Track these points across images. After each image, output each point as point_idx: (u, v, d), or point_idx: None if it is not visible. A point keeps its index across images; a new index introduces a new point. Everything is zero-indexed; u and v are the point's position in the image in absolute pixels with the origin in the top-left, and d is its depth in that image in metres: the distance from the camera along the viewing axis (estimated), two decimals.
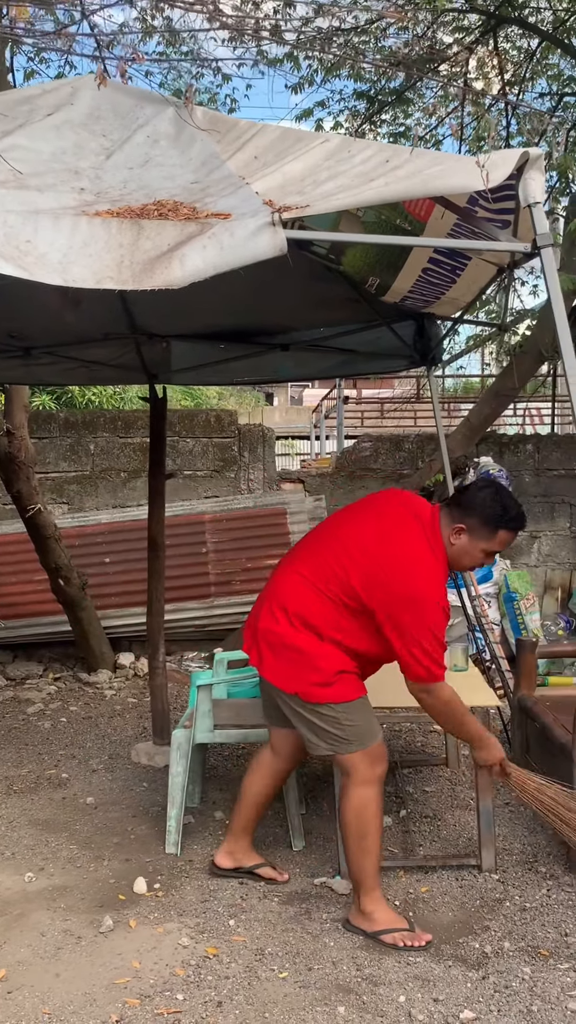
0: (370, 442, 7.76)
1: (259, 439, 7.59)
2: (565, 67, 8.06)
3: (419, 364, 4.98)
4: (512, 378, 6.34)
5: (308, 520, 7.32)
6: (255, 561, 7.15)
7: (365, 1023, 2.62)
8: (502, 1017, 2.63)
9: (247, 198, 2.49)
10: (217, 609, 7.08)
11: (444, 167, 2.32)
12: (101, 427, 7.46)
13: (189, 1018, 2.65)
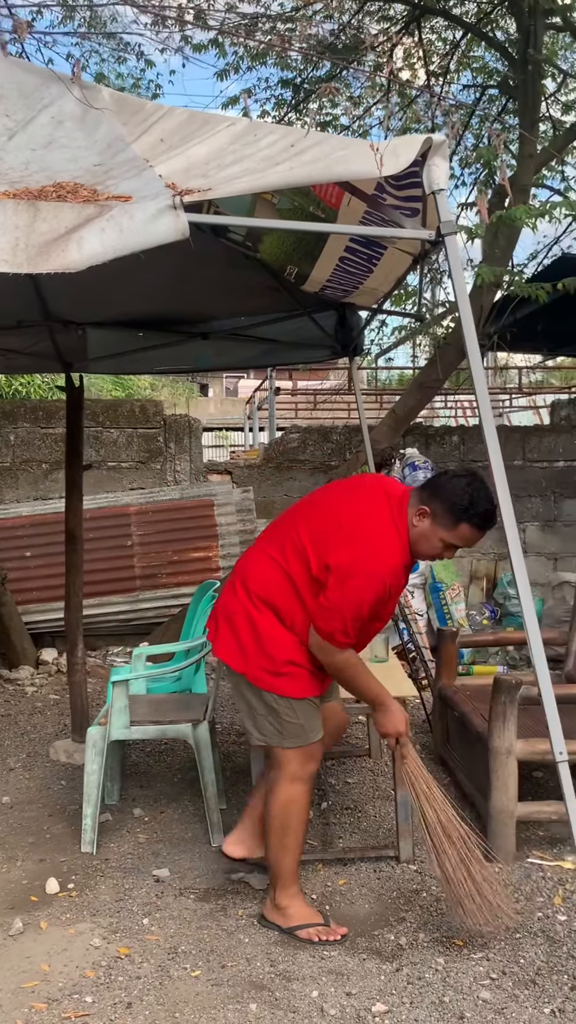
0: (298, 433, 7.73)
1: (186, 430, 7.51)
2: (489, 59, 8.12)
3: (341, 354, 4.96)
4: (436, 370, 6.36)
5: (236, 512, 7.27)
6: (181, 554, 7.07)
7: (277, 1019, 2.59)
8: (414, 1009, 2.62)
9: (149, 181, 2.42)
10: (143, 603, 6.99)
11: (348, 152, 2.29)
12: (21, 417, 7.30)
13: (97, 1021, 2.59)
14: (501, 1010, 2.60)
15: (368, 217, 2.85)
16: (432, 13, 7.30)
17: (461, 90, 8.41)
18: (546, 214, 5.44)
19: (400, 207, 2.60)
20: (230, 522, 7.26)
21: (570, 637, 4.47)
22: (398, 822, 3.56)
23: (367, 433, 5.04)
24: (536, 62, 6.32)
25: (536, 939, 2.98)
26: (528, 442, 7.74)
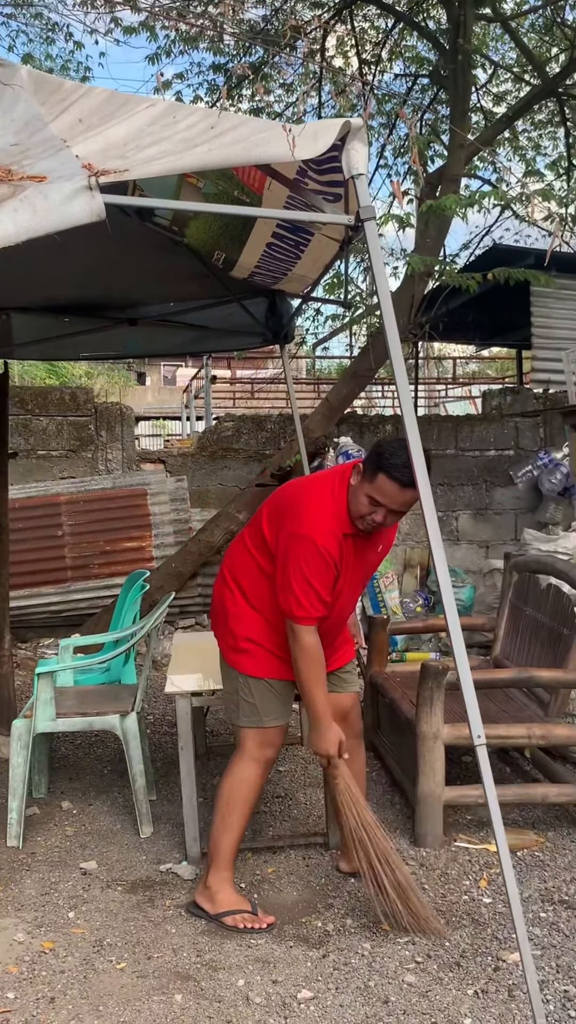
0: (232, 422, 7.69)
1: (118, 418, 7.42)
2: (422, 49, 8.15)
3: (272, 342, 4.94)
4: (368, 359, 6.38)
5: (170, 501, 7.21)
6: (114, 544, 7.00)
7: (202, 1010, 2.57)
8: (339, 994, 2.63)
9: (66, 161, 2.36)
10: (75, 594, 6.90)
11: (268, 135, 2.26)
12: None
13: (19, 1017, 2.55)
14: (425, 993, 2.62)
15: (291, 202, 2.83)
16: (364, 1, 7.28)
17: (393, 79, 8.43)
18: (476, 204, 5.47)
19: (322, 192, 2.58)
20: (164, 511, 7.21)
21: (497, 623, 4.52)
22: (327, 808, 3.56)
23: (299, 421, 5.03)
24: (466, 52, 6.36)
25: (462, 922, 3.01)
26: (460, 431, 7.81)
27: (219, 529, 6.95)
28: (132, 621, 4.40)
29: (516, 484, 7.69)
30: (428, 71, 7.70)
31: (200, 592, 7.20)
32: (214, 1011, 2.56)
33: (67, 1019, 2.54)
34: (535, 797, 3.59)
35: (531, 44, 8.02)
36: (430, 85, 7.94)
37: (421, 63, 8.00)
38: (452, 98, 6.62)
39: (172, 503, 7.25)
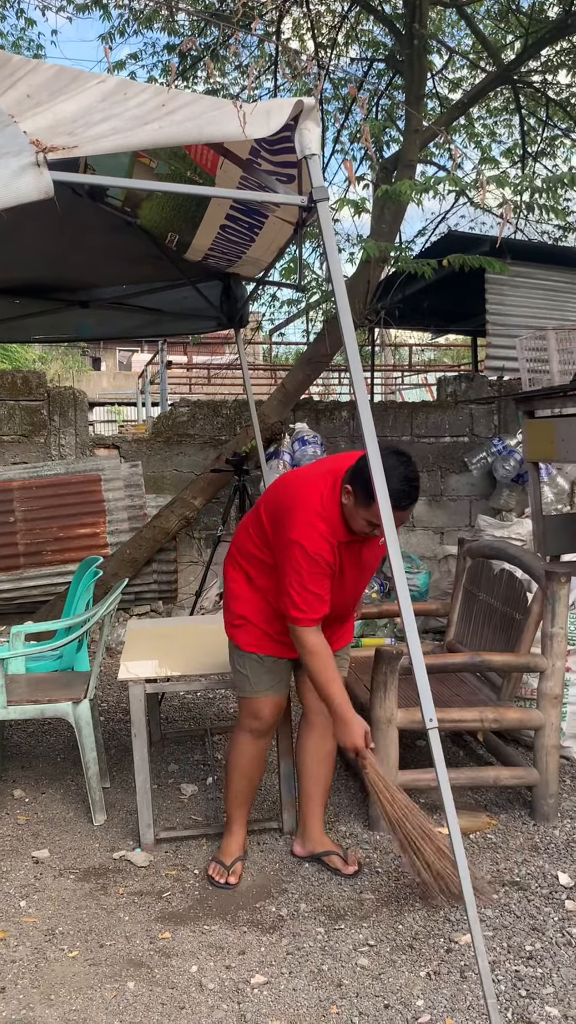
0: (187, 407, 7.63)
1: (71, 403, 7.32)
2: (378, 33, 8.12)
3: (227, 326, 4.90)
4: (324, 345, 6.36)
5: (124, 487, 7.14)
6: (68, 530, 6.92)
7: (155, 996, 2.56)
8: (293, 978, 2.63)
9: (13, 136, 2.30)
10: (27, 581, 6.81)
11: (220, 113, 2.22)
12: None
13: None
14: (379, 975, 2.64)
15: (244, 183, 2.80)
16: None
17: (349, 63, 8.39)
18: (431, 189, 5.47)
19: (275, 172, 2.55)
20: (118, 497, 7.13)
21: (451, 608, 4.55)
22: (282, 795, 3.57)
23: (254, 407, 5.00)
24: (422, 37, 6.34)
25: (414, 905, 3.03)
26: (416, 418, 7.83)
27: (174, 515, 6.90)
28: (85, 608, 4.35)
29: (471, 471, 7.73)
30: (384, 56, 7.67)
31: (155, 579, 7.15)
32: (167, 997, 2.55)
33: (18, 1008, 2.51)
34: (487, 780, 3.62)
35: (486, 30, 8.03)
36: (386, 70, 7.92)
37: (377, 48, 7.97)
38: (408, 83, 6.60)
39: (126, 489, 7.18)
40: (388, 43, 7.86)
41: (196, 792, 3.97)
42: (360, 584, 3.14)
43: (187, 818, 3.73)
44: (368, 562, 3.10)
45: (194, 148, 2.82)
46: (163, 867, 3.32)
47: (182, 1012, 2.49)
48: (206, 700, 5.33)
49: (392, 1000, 2.52)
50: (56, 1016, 2.48)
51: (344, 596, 3.08)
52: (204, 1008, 2.51)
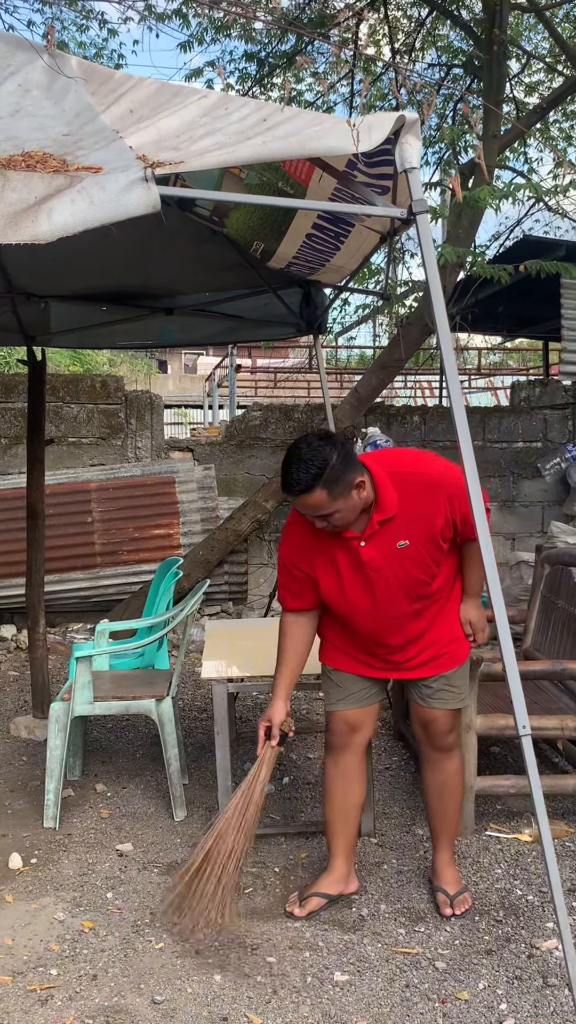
0: (260, 411, 7.72)
1: (147, 406, 7.46)
2: (455, 39, 8.11)
3: (306, 332, 4.95)
4: (399, 349, 6.38)
5: (197, 489, 7.26)
6: (143, 531, 7.05)
7: (240, 989, 2.62)
8: (374, 978, 2.67)
9: (120, 152, 2.39)
10: (103, 580, 6.96)
11: (322, 128, 2.28)
12: None
13: (63, 993, 2.60)
14: (460, 979, 2.66)
15: (338, 194, 2.85)
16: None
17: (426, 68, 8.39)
18: (510, 196, 5.46)
19: (371, 184, 2.60)
20: (191, 499, 7.25)
21: (528, 615, 4.53)
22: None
23: (331, 411, 5.05)
24: (501, 42, 6.33)
25: (495, 910, 3.05)
26: (488, 423, 7.80)
27: (246, 518, 6.99)
28: (165, 608, 4.44)
29: (544, 476, 7.67)
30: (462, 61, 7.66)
31: (226, 580, 7.25)
32: (252, 991, 2.61)
33: (109, 996, 2.59)
34: (567, 788, 3.61)
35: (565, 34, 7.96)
36: (463, 75, 7.90)
37: (454, 53, 7.95)
38: (486, 88, 6.59)
39: (199, 491, 7.29)
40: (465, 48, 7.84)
41: (273, 791, 4.03)
42: (387, 594, 2.81)
43: (265, 816, 3.79)
44: (393, 563, 2.76)
45: (289, 160, 2.88)
46: (244, 864, 3.37)
47: (268, 1006, 2.55)
48: None
49: (475, 1003, 2.54)
50: (145, 1004, 2.56)
51: (358, 605, 2.84)
52: (289, 1003, 2.56)
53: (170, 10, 7.70)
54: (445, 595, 2.91)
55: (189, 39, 8.08)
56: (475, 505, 2.27)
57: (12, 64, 3.01)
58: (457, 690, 2.97)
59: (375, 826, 3.61)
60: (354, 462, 2.65)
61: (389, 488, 2.71)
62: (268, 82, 8.19)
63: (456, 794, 3.10)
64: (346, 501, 2.63)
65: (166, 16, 7.80)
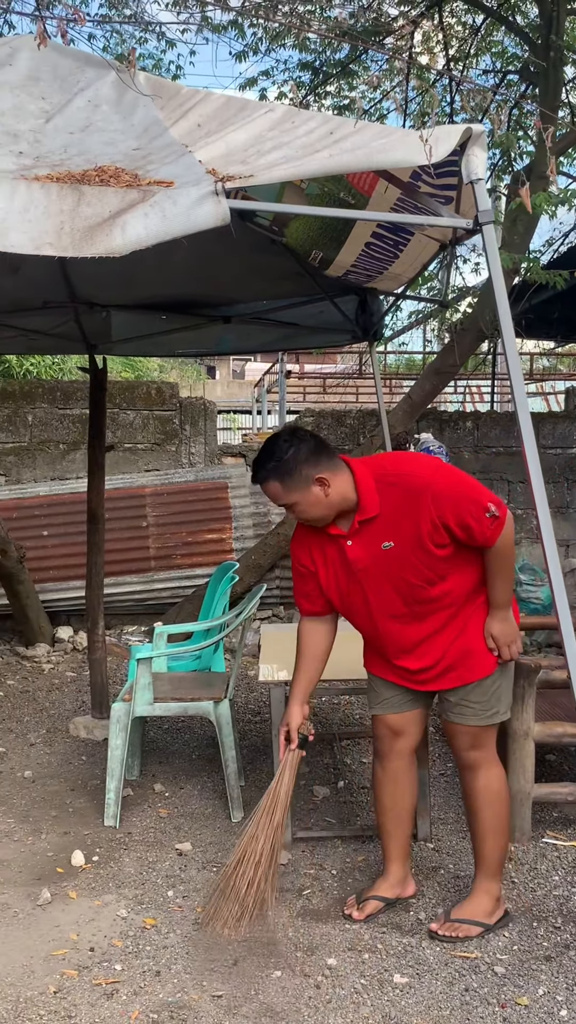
0: (312, 417, 7.76)
1: (201, 412, 7.55)
2: (509, 44, 8.09)
3: (361, 339, 4.99)
4: (453, 356, 6.39)
5: (250, 494, 7.32)
6: (196, 535, 7.13)
7: (301, 988, 2.66)
8: (433, 981, 2.69)
9: (190, 166, 2.45)
10: (157, 583, 7.05)
11: (388, 141, 2.32)
12: (39, 398, 7.34)
13: (127, 988, 2.66)
14: (519, 984, 2.67)
15: (401, 204, 2.89)
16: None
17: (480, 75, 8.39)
18: (568, 202, 5.44)
19: (435, 195, 2.63)
20: (244, 504, 7.31)
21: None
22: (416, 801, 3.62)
23: (385, 417, 5.08)
24: (558, 48, 6.31)
25: (553, 916, 3.05)
26: (542, 428, 7.76)
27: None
28: (222, 612, 4.50)
29: None
30: (517, 68, 7.64)
31: (278, 585, 7.29)
32: (312, 991, 2.65)
33: (173, 991, 2.65)
34: None
35: None
36: (517, 81, 7.88)
37: (509, 60, 7.94)
38: (542, 95, 6.57)
39: (252, 496, 7.36)
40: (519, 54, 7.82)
41: (328, 795, 4.07)
42: (378, 595, 2.84)
43: (321, 819, 3.83)
44: (382, 565, 2.80)
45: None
46: (301, 865, 3.42)
47: (329, 1006, 2.58)
48: (331, 706, 5.42)
49: (535, 1008, 2.55)
50: (208, 999, 2.61)
51: (352, 605, 2.91)
52: (349, 1003, 2.59)
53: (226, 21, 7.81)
54: (456, 604, 2.85)
55: (244, 49, 8.19)
56: (540, 511, 2.28)
57: (82, 80, 3.10)
58: (477, 706, 2.89)
59: (431, 831, 3.63)
60: (320, 459, 2.77)
61: (371, 489, 2.77)
62: (322, 91, 8.26)
63: (482, 816, 2.96)
64: (303, 495, 2.75)
65: (222, 27, 7.91)
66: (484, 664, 2.87)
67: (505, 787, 3.03)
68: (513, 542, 2.80)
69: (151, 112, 2.91)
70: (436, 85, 7.86)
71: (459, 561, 2.80)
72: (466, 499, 2.70)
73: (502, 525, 2.72)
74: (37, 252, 2.24)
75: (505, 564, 2.79)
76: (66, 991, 2.64)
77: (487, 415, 8.04)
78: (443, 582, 2.81)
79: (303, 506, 2.78)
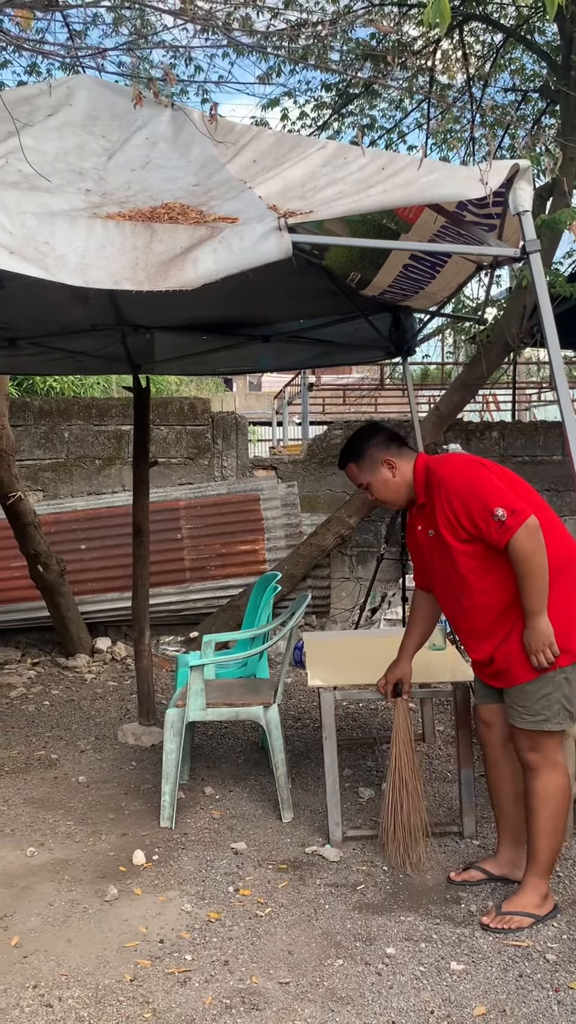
0: (341, 429, 7.93)
1: (232, 426, 7.73)
2: (528, 62, 8.26)
3: (394, 355, 5.15)
4: (480, 368, 6.55)
5: (281, 506, 7.49)
6: (229, 547, 7.30)
7: (362, 976, 2.80)
8: (489, 968, 2.83)
9: (251, 202, 2.63)
10: (192, 594, 7.22)
11: (439, 176, 2.48)
12: (75, 415, 7.54)
13: (199, 976, 2.81)
14: (569, 971, 2.81)
15: (444, 231, 3.05)
16: (473, 18, 7.45)
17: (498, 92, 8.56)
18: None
19: (480, 223, 2.79)
20: (276, 516, 7.48)
21: None
22: (462, 800, 3.76)
23: (418, 428, 5.23)
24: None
25: None
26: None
27: (330, 533, 7.20)
28: (266, 621, 4.66)
29: None
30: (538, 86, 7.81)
31: (312, 595, 7.45)
32: (374, 977, 2.79)
33: (241, 979, 2.80)
34: None
35: None
36: (537, 99, 8.05)
37: (529, 78, 8.11)
38: (563, 112, 6.74)
39: (283, 508, 7.53)
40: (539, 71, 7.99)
41: (373, 796, 4.21)
42: (440, 573, 3.18)
43: (368, 819, 3.97)
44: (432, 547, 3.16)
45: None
46: (353, 863, 3.56)
47: (391, 991, 2.72)
48: (369, 710, 5.56)
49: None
50: (275, 986, 2.76)
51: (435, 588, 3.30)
52: (410, 988, 2.73)
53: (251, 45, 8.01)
54: (496, 606, 3.03)
55: (268, 71, 8.39)
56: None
57: (139, 118, 3.28)
58: (522, 710, 3.02)
59: (477, 829, 3.76)
60: (390, 446, 3.24)
61: (420, 478, 3.16)
62: (344, 110, 8.45)
63: (538, 815, 3.05)
64: (374, 475, 3.22)
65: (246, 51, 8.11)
66: (525, 670, 3.00)
67: (564, 792, 3.06)
68: (536, 550, 2.88)
69: (207, 149, 3.09)
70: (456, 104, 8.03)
71: (494, 565, 3.00)
72: (475, 499, 2.95)
73: (510, 531, 2.87)
74: (115, 287, 2.42)
75: (528, 571, 2.89)
76: (141, 979, 2.79)
77: (512, 425, 8.18)
78: (479, 579, 3.04)
79: (376, 485, 3.23)
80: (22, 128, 3.02)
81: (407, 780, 3.43)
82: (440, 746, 4.80)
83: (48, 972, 2.83)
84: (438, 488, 3.05)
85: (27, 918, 3.17)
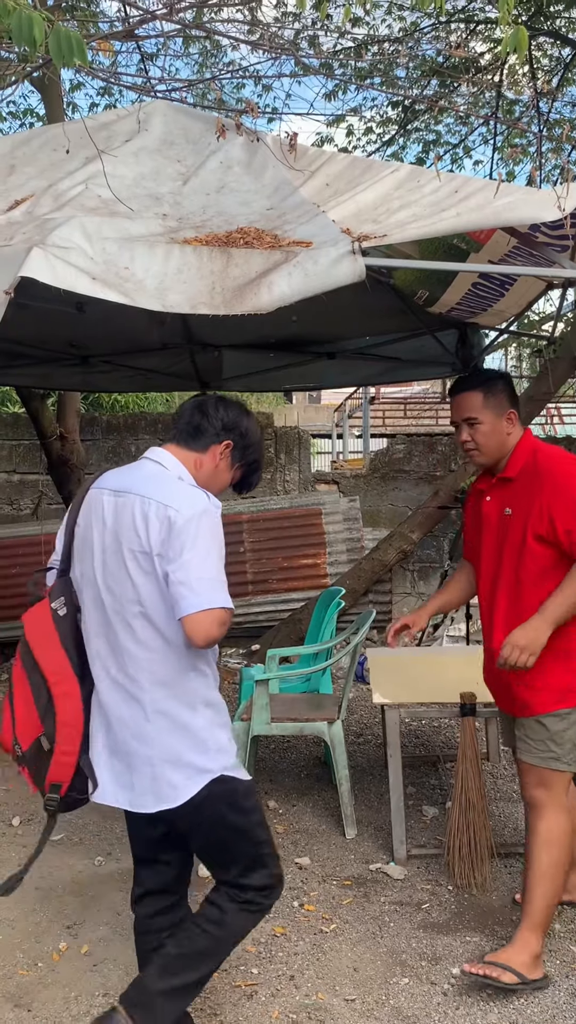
0: (403, 444, 7.93)
1: (295, 441, 7.78)
2: None
3: (461, 371, 5.13)
4: (546, 383, 6.48)
5: (343, 520, 7.51)
6: (291, 560, 7.34)
7: (429, 994, 2.80)
8: (556, 991, 2.81)
9: (325, 226, 2.66)
10: (255, 607, 7.27)
11: (514, 199, 2.49)
12: (142, 429, 7.66)
13: (265, 990, 2.84)
14: None
15: (516, 251, 3.05)
16: (540, 33, 7.44)
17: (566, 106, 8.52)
18: None
19: (552, 244, 2.79)
20: (337, 530, 7.50)
21: None
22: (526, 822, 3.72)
23: None
24: None
25: None
26: None
27: (392, 548, 7.19)
28: (330, 636, 4.69)
29: None
30: None
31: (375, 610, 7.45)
32: (441, 996, 2.79)
33: (307, 995, 2.82)
34: None
35: None
36: None
37: None
38: None
39: (345, 522, 7.55)
40: None
41: (437, 815, 4.20)
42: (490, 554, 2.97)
43: (432, 838, 3.96)
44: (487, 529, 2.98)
45: None
46: (418, 881, 3.56)
47: (458, 1011, 2.72)
48: (432, 728, 5.54)
49: None
50: (341, 1003, 2.77)
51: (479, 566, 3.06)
52: (477, 1010, 2.73)
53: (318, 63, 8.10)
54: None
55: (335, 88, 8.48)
56: None
57: (212, 142, 3.35)
58: (532, 743, 2.85)
59: None
60: (516, 403, 2.99)
61: (523, 452, 2.91)
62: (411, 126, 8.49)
63: (538, 859, 2.87)
64: (494, 418, 2.89)
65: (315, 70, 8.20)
66: (541, 701, 2.83)
67: (568, 837, 2.89)
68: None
69: (280, 172, 3.14)
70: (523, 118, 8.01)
71: (552, 575, 2.79)
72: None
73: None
74: (193, 311, 2.48)
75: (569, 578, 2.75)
76: (208, 991, 2.82)
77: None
78: (533, 584, 2.82)
79: (485, 428, 2.89)
80: (101, 153, 3.11)
81: (473, 800, 3.42)
82: (505, 766, 4.76)
83: (117, 980, 2.88)
84: (545, 477, 2.80)
85: (96, 927, 3.23)
